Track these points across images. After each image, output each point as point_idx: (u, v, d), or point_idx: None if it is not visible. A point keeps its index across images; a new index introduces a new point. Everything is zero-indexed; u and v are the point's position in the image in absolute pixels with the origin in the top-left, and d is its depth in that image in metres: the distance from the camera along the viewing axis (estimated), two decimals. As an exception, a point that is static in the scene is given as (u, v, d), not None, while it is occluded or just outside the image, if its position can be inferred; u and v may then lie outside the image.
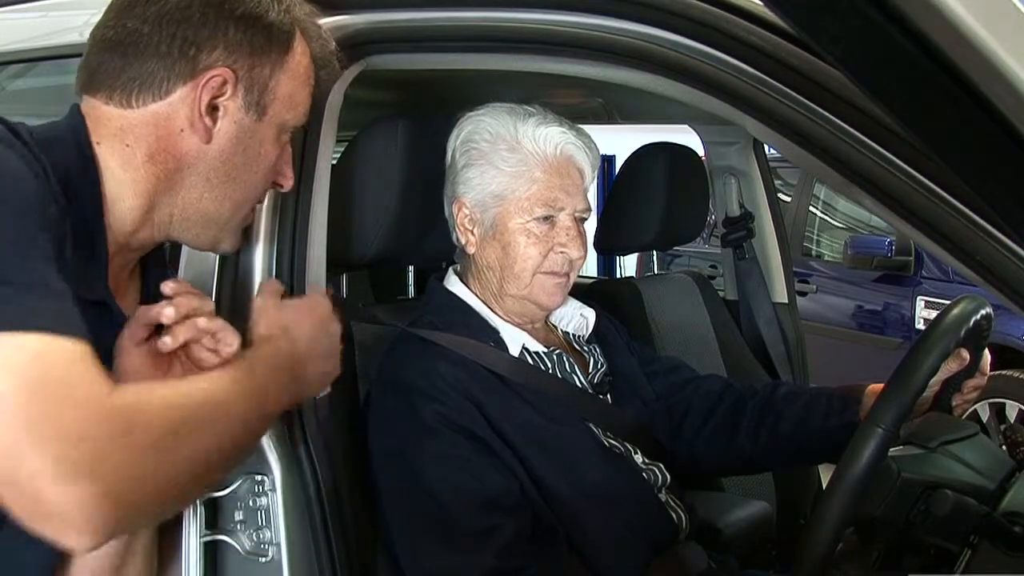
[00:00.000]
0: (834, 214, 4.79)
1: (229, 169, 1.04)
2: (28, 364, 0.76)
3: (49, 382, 0.77)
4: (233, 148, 1.03)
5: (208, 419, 0.88)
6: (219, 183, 1.04)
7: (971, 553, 1.03)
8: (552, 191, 1.35)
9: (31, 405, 0.75)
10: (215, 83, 1.00)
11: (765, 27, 1.04)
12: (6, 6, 1.69)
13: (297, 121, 1.09)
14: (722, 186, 2.21)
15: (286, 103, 1.06)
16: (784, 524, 1.89)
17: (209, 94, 1.00)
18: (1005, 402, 3.87)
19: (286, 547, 1.17)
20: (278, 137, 1.07)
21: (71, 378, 0.78)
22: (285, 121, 1.07)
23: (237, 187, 1.05)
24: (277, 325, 1.06)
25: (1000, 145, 0.60)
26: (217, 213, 1.06)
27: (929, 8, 0.56)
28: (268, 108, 1.04)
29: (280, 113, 1.06)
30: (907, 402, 1.05)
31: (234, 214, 1.08)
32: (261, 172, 1.07)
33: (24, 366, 0.76)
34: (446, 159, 1.43)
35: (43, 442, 0.75)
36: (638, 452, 1.43)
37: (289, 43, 1.05)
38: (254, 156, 1.05)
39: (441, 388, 1.27)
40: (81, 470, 0.75)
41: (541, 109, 1.40)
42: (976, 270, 0.94)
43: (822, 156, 1.03)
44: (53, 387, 0.77)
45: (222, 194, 1.05)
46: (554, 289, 1.38)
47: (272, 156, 1.08)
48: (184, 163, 1.01)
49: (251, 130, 1.04)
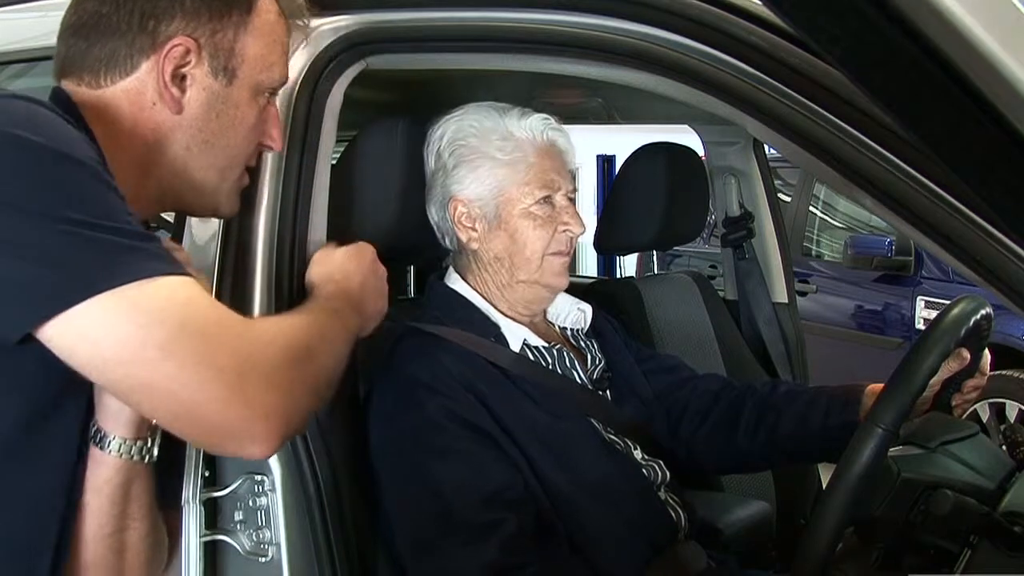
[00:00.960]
0: (834, 214, 4.79)
1: (207, 136, 1.04)
2: (179, 306, 0.86)
3: (202, 319, 0.87)
4: (206, 115, 1.03)
5: (317, 339, 0.99)
6: (200, 152, 1.04)
7: (971, 553, 1.03)
8: (547, 173, 1.39)
9: (195, 342, 0.84)
10: (176, 53, 1.00)
11: (765, 27, 1.04)
12: (6, 6, 1.69)
13: (273, 81, 1.08)
14: (722, 186, 2.20)
15: (257, 64, 1.05)
16: (784, 524, 1.88)
17: (172, 64, 1.00)
18: (1005, 402, 3.87)
19: (286, 547, 1.17)
20: (254, 99, 1.06)
21: (216, 312, 0.90)
22: (259, 82, 1.06)
23: (219, 153, 1.05)
24: (331, 269, 1.18)
25: (1000, 145, 0.60)
26: (204, 181, 1.06)
27: (929, 8, 0.56)
28: (238, 71, 1.04)
29: (252, 75, 1.05)
30: (907, 402, 1.05)
31: (222, 180, 1.08)
32: (242, 136, 1.07)
33: (176, 309, 0.85)
34: (427, 165, 1.44)
35: (217, 373, 0.84)
36: (637, 448, 1.44)
37: (250, 3, 1.04)
38: (230, 121, 1.05)
39: (445, 382, 1.28)
40: (256, 390, 0.86)
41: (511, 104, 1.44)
42: (976, 270, 0.94)
43: (822, 156, 1.03)
44: (206, 323, 0.87)
45: (205, 162, 1.05)
46: (561, 269, 1.42)
47: (250, 119, 1.07)
48: (161, 135, 1.02)
49: (222, 95, 1.04)
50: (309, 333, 0.99)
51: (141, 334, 0.83)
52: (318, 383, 0.96)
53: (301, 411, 0.93)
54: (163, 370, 0.83)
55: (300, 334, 0.97)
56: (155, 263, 0.86)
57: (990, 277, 0.93)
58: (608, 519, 1.32)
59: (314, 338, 0.99)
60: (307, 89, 1.24)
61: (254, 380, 0.87)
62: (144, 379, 0.84)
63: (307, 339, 0.97)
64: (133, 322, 0.83)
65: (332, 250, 1.22)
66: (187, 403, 0.85)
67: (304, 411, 0.94)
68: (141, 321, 0.83)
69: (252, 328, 0.94)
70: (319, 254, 1.22)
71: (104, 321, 0.82)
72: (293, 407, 0.90)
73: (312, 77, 1.24)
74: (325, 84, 1.25)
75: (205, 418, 0.86)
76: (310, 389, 0.94)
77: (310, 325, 1.01)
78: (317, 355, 0.97)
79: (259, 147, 1.11)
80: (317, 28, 1.24)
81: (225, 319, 0.90)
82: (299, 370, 0.92)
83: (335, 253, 1.21)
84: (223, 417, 0.85)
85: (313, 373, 0.95)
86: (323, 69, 1.25)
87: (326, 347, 1.00)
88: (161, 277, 0.85)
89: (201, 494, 1.17)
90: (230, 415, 0.85)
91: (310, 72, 1.24)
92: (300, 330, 0.98)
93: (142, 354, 0.83)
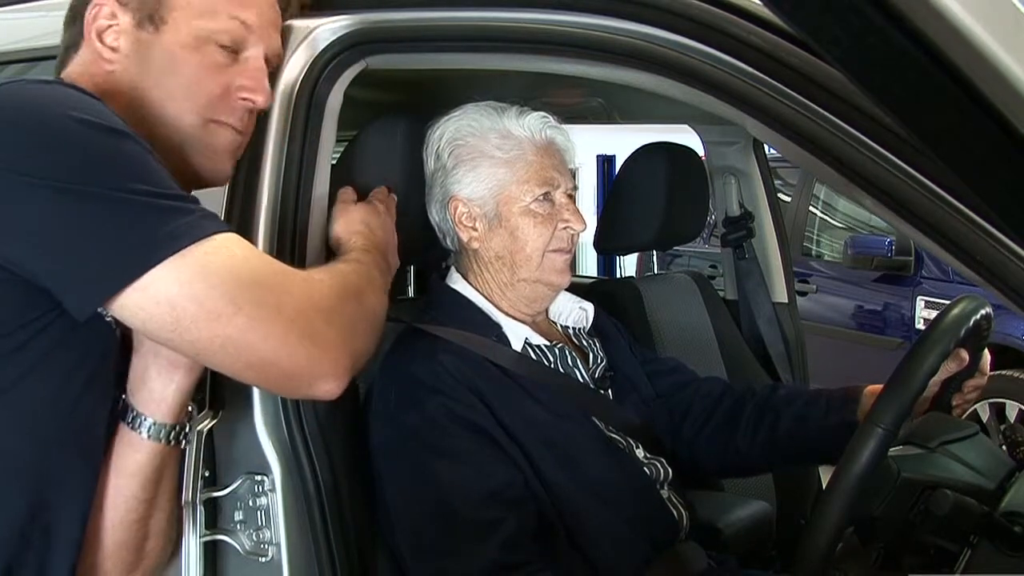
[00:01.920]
0: (834, 214, 4.79)
1: (151, 85, 1.06)
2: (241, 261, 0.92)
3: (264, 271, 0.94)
4: (140, 65, 1.06)
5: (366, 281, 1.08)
6: (157, 103, 1.06)
7: (971, 553, 1.03)
8: (546, 170, 1.39)
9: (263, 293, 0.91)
10: (97, 13, 1.06)
11: (765, 27, 1.04)
12: (6, 6, 1.69)
13: (220, 27, 1.08)
14: (722, 186, 2.20)
15: (192, 11, 1.06)
16: (784, 524, 1.88)
17: (97, 23, 1.06)
18: (1005, 402, 3.87)
19: (286, 547, 1.17)
20: (197, 47, 1.06)
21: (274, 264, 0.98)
22: (198, 28, 1.07)
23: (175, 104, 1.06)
24: (355, 222, 1.24)
25: (1000, 145, 0.60)
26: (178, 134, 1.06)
27: (929, 8, 0.56)
28: (167, 18, 1.06)
29: (187, 21, 1.06)
30: (907, 402, 1.05)
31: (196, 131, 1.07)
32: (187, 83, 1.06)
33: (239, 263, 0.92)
34: (427, 165, 1.44)
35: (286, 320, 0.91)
36: (639, 447, 1.44)
37: None
38: (167, 67, 1.06)
39: (446, 381, 1.28)
40: (322, 330, 0.94)
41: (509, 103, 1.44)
42: (976, 270, 0.94)
43: (822, 156, 1.03)
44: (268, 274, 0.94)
45: (176, 109, 1.06)
46: (563, 266, 1.42)
47: (191, 65, 1.06)
48: (125, 91, 1.05)
49: (150, 43, 1.06)
50: (358, 276, 1.08)
51: (214, 292, 0.88)
52: (375, 320, 1.05)
53: (363, 347, 1.01)
54: (236, 323, 0.89)
55: (351, 277, 1.06)
56: (207, 222, 0.92)
57: (990, 277, 0.93)
58: (609, 518, 1.32)
59: (363, 280, 1.08)
60: (307, 89, 1.24)
61: (319, 322, 0.94)
62: (220, 333, 0.89)
63: (357, 281, 1.06)
64: (204, 281, 0.88)
65: (350, 205, 1.28)
66: (262, 351, 0.91)
67: (365, 348, 1.02)
68: (212, 280, 0.89)
69: (310, 276, 1.01)
70: (339, 209, 1.27)
71: (177, 283, 0.87)
72: (356, 343, 0.99)
73: (312, 77, 1.24)
74: (325, 84, 1.25)
75: (279, 363, 0.92)
76: (368, 326, 1.03)
77: (356, 270, 1.09)
78: (367, 295, 1.05)
79: (239, 103, 1.10)
80: (317, 28, 1.24)
81: (284, 269, 0.98)
82: (356, 309, 1.01)
83: (354, 209, 1.27)
84: (296, 360, 0.92)
85: (370, 311, 1.04)
86: (323, 69, 1.25)
87: (373, 289, 1.09)
88: (216, 235, 0.91)
89: (201, 494, 1.17)
90: (302, 357, 0.92)
91: (310, 72, 1.24)
92: (350, 274, 1.07)
93: (217, 309, 0.88)
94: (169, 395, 1.03)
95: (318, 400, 1.16)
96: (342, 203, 1.28)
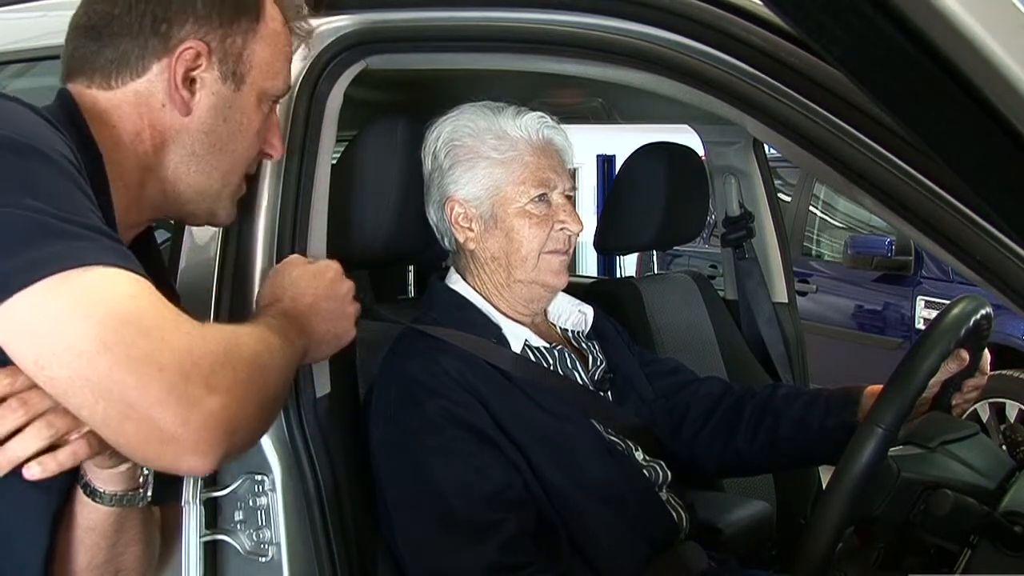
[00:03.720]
0: (834, 214, 4.79)
1: (213, 140, 1.05)
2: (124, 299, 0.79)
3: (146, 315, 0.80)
4: (214, 119, 1.04)
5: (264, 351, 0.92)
6: (205, 155, 1.05)
7: (971, 553, 1.03)
8: (543, 171, 1.39)
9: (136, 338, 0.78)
10: (188, 56, 1.01)
11: (765, 27, 1.04)
12: (6, 6, 1.69)
13: (277, 89, 1.10)
14: (722, 186, 2.20)
15: (264, 71, 1.07)
16: (784, 524, 1.88)
17: (184, 67, 1.01)
18: (1005, 402, 3.87)
19: (286, 547, 1.17)
20: (259, 106, 1.08)
21: (162, 310, 0.82)
22: (264, 89, 1.08)
23: (223, 158, 1.07)
24: (279, 287, 1.11)
25: (999, 145, 0.60)
26: (207, 185, 1.07)
27: (929, 8, 0.56)
28: (246, 77, 1.05)
29: (258, 81, 1.07)
30: (907, 402, 1.05)
31: (224, 185, 1.09)
32: (246, 141, 1.08)
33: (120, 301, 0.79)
34: (424, 166, 1.44)
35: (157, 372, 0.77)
36: (639, 449, 1.44)
37: (259, 11, 1.06)
38: (236, 126, 1.06)
39: (445, 382, 1.28)
40: (198, 392, 0.79)
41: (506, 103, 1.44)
42: (976, 270, 0.95)
43: (822, 156, 1.03)
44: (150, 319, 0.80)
45: (209, 166, 1.06)
46: (559, 267, 1.41)
47: (255, 124, 1.08)
48: (168, 137, 1.03)
49: (230, 100, 1.05)
50: (256, 343, 0.92)
51: (80, 325, 0.76)
52: (265, 395, 0.89)
53: (245, 423, 0.85)
54: (99, 365, 0.76)
55: (248, 341, 0.90)
56: (107, 255, 0.81)
57: (990, 277, 0.93)
58: (609, 519, 1.32)
59: (261, 349, 0.92)
60: (307, 89, 1.24)
61: (197, 382, 0.79)
62: (79, 374, 0.77)
63: (254, 348, 0.90)
64: (73, 311, 0.77)
65: (292, 265, 1.15)
66: (122, 403, 0.77)
67: (248, 425, 0.86)
68: (81, 312, 0.77)
69: (199, 330, 0.84)
70: (276, 267, 1.16)
71: (44, 308, 0.76)
72: (238, 416, 0.82)
73: (312, 77, 1.24)
74: (325, 84, 1.25)
75: (141, 421, 0.78)
76: (256, 400, 0.86)
77: (257, 337, 0.94)
78: (264, 367, 0.90)
79: (260, 155, 1.12)
80: (317, 28, 1.24)
81: (171, 317, 0.82)
82: (245, 377, 0.85)
83: (292, 269, 1.14)
84: (161, 421, 0.78)
85: (260, 384, 0.88)
86: (323, 69, 1.25)
87: (273, 361, 0.93)
88: (109, 267, 0.80)
89: (201, 494, 1.17)
90: (168, 418, 0.78)
91: (310, 72, 1.24)
92: (247, 337, 0.91)
93: (79, 346, 0.76)
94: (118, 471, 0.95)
95: None
96: (284, 262, 1.17)
